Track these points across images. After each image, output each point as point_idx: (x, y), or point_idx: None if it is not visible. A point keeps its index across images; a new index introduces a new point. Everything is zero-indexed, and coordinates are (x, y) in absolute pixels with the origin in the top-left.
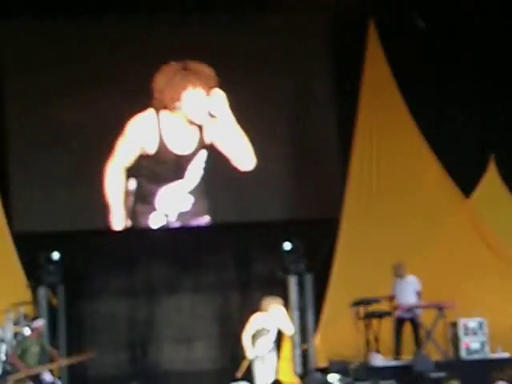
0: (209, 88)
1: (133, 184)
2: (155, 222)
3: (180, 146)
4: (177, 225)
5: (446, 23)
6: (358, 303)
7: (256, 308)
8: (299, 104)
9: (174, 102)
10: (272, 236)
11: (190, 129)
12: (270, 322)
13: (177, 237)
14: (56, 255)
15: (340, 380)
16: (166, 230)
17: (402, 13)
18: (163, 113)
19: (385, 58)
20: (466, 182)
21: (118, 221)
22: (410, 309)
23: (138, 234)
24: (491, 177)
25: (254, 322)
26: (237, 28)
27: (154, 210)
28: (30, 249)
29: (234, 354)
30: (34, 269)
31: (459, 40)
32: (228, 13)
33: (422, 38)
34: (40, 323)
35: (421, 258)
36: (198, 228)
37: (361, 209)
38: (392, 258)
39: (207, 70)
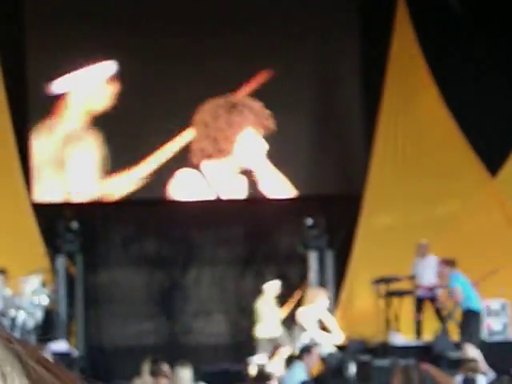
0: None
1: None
2: (176, 194)
3: None
4: (197, 197)
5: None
6: (378, 281)
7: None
8: (324, 79)
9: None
10: (294, 211)
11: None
12: (316, 314)
13: (195, 209)
14: (75, 224)
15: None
16: (184, 202)
17: None
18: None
19: (413, 35)
20: (493, 161)
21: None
22: (431, 288)
23: (157, 204)
24: None
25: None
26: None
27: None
28: (48, 217)
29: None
30: (52, 237)
31: (490, 17)
32: None
33: (451, 15)
34: None
35: (444, 237)
36: (220, 201)
37: (384, 186)
38: (414, 236)
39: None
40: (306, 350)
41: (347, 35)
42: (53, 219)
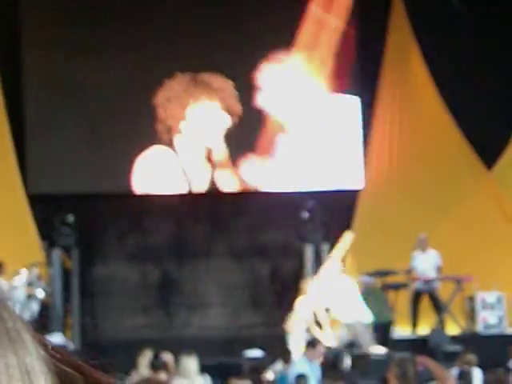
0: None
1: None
2: (173, 187)
3: None
4: (194, 191)
5: None
6: (374, 274)
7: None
8: None
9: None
10: (290, 205)
11: None
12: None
13: (192, 203)
14: (71, 218)
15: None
16: (180, 196)
17: None
18: None
19: (409, 26)
20: (489, 155)
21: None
22: (428, 281)
23: (153, 198)
24: None
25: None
26: None
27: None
28: (44, 210)
29: (247, 322)
30: (48, 231)
31: (484, 7)
32: None
33: (452, 12)
34: None
35: (440, 230)
36: (217, 195)
37: (381, 180)
38: (411, 230)
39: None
40: (311, 344)
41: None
42: (49, 212)
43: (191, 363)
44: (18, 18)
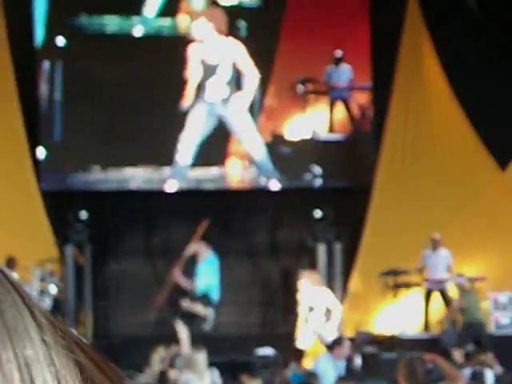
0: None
1: None
2: (184, 186)
3: None
4: (208, 188)
5: None
6: (386, 274)
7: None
8: None
9: None
10: (303, 203)
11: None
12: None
13: (205, 200)
14: (84, 214)
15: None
16: (194, 194)
17: None
18: None
19: (424, 26)
20: (503, 155)
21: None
22: (440, 282)
23: (166, 196)
24: None
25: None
26: None
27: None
28: (58, 207)
29: (258, 320)
30: (61, 227)
31: (498, 7)
32: None
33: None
34: None
35: (453, 230)
36: (229, 192)
37: (393, 178)
38: (423, 230)
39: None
40: (338, 342)
41: (358, 28)
42: (62, 208)
43: (200, 358)
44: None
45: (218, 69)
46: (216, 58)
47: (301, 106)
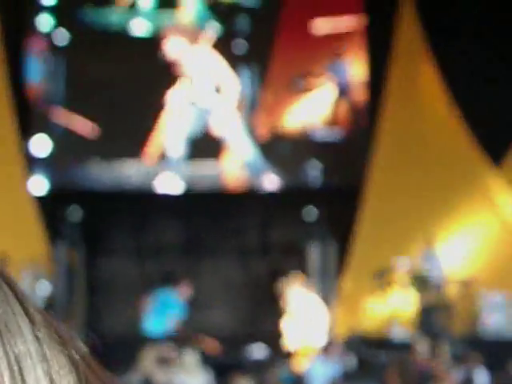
0: None
1: None
2: (176, 186)
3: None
4: (199, 189)
5: None
6: (380, 274)
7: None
8: None
9: None
10: (295, 203)
11: None
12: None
13: (197, 201)
14: (76, 213)
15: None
16: (185, 195)
17: None
18: None
19: (418, 24)
20: (497, 150)
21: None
22: (433, 282)
23: (159, 196)
24: None
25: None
26: None
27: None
28: (50, 205)
29: (251, 320)
30: (53, 226)
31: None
32: None
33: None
34: None
35: (446, 229)
36: (221, 193)
37: (386, 178)
38: (416, 228)
39: None
40: (330, 343)
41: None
42: (54, 207)
43: (192, 357)
44: None
45: (200, 76)
46: (195, 70)
47: (298, 102)
